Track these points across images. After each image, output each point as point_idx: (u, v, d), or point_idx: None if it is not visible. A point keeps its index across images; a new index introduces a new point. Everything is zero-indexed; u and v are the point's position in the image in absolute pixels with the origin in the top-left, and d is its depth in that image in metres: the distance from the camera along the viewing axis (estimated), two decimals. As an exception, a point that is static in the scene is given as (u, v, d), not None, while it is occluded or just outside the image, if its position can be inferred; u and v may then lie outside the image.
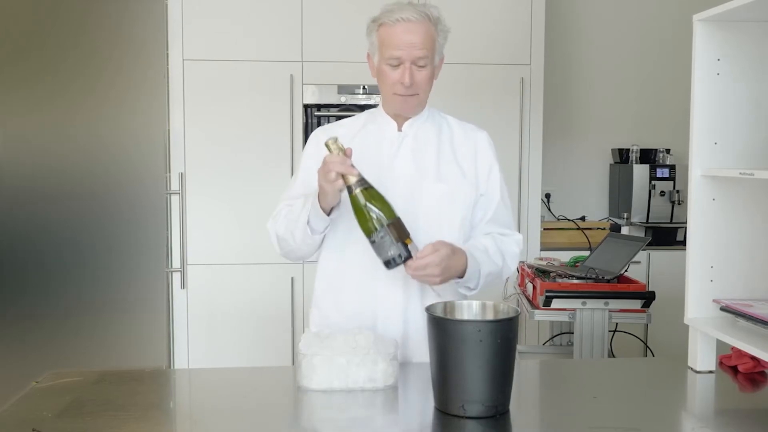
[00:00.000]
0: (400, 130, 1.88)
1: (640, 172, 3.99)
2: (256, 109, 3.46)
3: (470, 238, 1.89)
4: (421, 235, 1.76)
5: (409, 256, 1.62)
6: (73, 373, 1.70)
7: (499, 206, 1.91)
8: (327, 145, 1.63)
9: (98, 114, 3.36)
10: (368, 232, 1.62)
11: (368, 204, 1.60)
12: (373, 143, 1.87)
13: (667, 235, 3.90)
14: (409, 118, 1.88)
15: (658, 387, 1.69)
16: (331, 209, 1.73)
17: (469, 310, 1.59)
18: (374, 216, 1.60)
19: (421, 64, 1.76)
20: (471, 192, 1.87)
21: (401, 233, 1.61)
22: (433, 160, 1.86)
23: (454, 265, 1.70)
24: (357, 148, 1.80)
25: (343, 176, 1.61)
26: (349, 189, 1.62)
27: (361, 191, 1.60)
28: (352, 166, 1.62)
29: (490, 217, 1.90)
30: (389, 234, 1.60)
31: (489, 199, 1.90)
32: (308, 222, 1.75)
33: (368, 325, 1.80)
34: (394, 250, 1.61)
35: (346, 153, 1.62)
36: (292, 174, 3.45)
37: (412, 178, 1.84)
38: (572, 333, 2.71)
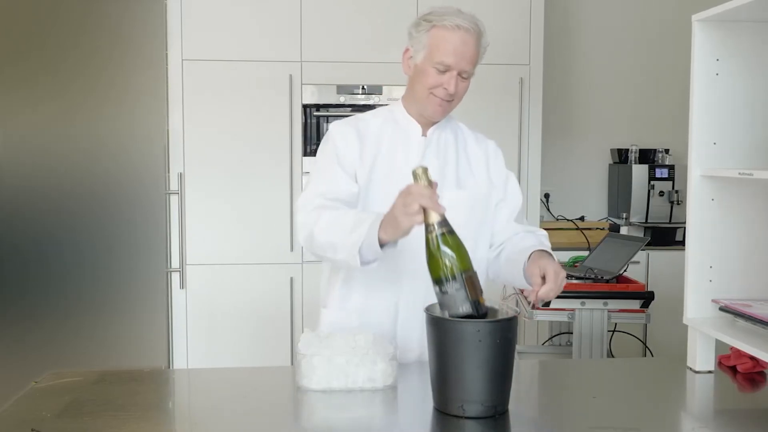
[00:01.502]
0: (424, 134, 1.87)
1: (639, 172, 3.99)
2: (256, 109, 3.46)
3: (506, 240, 1.90)
4: None
5: (479, 317, 1.45)
6: (73, 373, 1.70)
7: (521, 210, 1.95)
8: (415, 174, 1.46)
9: (98, 114, 3.36)
10: (440, 280, 1.45)
11: (447, 250, 1.43)
12: (399, 146, 1.85)
13: (666, 235, 3.90)
14: (433, 123, 1.87)
15: (658, 387, 1.69)
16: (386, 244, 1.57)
17: (469, 310, 1.58)
18: (452, 265, 1.43)
19: (465, 76, 1.77)
20: (486, 199, 1.89)
21: (476, 289, 1.45)
22: (453, 166, 1.87)
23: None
24: (383, 150, 1.82)
25: (425, 212, 1.45)
26: (429, 228, 1.44)
27: (443, 234, 1.44)
28: (439, 203, 1.46)
29: (516, 218, 1.93)
30: (464, 288, 1.44)
31: (512, 205, 1.93)
32: (359, 250, 1.57)
33: (388, 328, 1.79)
34: (465, 307, 1.44)
35: (433, 186, 1.47)
36: (291, 173, 3.46)
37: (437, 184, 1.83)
38: (571, 333, 2.71)
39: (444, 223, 1.45)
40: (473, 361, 1.39)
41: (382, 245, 1.55)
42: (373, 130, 1.86)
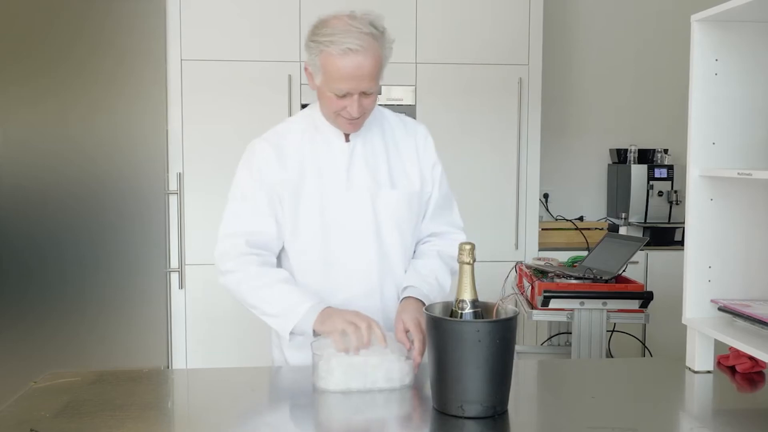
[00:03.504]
0: (347, 140, 1.82)
1: (638, 172, 3.99)
2: (254, 109, 3.46)
3: (416, 245, 1.90)
4: (386, 245, 1.80)
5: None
6: (71, 374, 1.70)
7: (439, 202, 1.91)
8: (461, 248, 1.48)
9: (98, 114, 3.36)
10: None
11: None
12: (324, 156, 1.81)
13: (665, 235, 3.90)
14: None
15: (656, 387, 1.69)
16: None
17: (468, 310, 1.58)
18: None
19: (368, 92, 1.70)
20: (420, 194, 1.87)
21: None
22: (384, 165, 1.83)
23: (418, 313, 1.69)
24: (307, 164, 1.79)
25: (459, 288, 1.47)
26: (460, 303, 1.47)
27: (471, 313, 1.47)
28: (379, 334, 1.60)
29: (430, 215, 1.90)
30: None
31: (436, 195, 1.90)
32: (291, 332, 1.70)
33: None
34: None
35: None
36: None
37: (370, 187, 1.81)
38: (570, 333, 2.71)
39: (475, 304, 1.46)
40: (472, 361, 1.39)
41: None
42: (294, 144, 1.82)
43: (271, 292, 1.74)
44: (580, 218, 4.18)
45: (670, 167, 3.99)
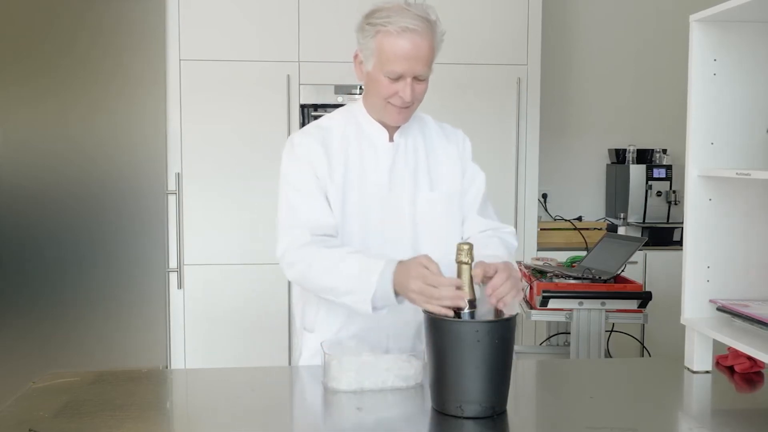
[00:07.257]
0: (390, 139, 1.80)
1: (637, 172, 4.00)
2: (253, 109, 3.46)
3: (470, 237, 1.86)
4: (423, 245, 1.75)
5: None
6: (70, 374, 1.70)
7: (485, 200, 1.89)
8: (459, 248, 1.46)
9: (97, 114, 3.36)
10: None
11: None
12: (366, 155, 1.78)
13: (664, 236, 3.91)
14: (398, 125, 1.80)
15: (655, 387, 1.69)
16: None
17: (467, 310, 1.58)
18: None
19: (421, 78, 1.68)
20: (460, 195, 1.86)
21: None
22: (424, 167, 1.82)
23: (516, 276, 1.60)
24: (351, 161, 1.76)
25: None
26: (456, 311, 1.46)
27: (469, 314, 1.47)
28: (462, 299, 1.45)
29: (476, 212, 1.86)
30: None
31: (475, 193, 1.88)
32: (372, 298, 1.57)
33: (381, 343, 1.70)
34: None
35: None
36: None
37: (411, 189, 1.79)
38: (569, 333, 2.71)
39: (473, 304, 1.47)
40: (472, 361, 1.39)
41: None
42: (337, 139, 1.77)
43: (343, 267, 1.62)
44: (579, 218, 4.19)
45: (668, 167, 3.99)
